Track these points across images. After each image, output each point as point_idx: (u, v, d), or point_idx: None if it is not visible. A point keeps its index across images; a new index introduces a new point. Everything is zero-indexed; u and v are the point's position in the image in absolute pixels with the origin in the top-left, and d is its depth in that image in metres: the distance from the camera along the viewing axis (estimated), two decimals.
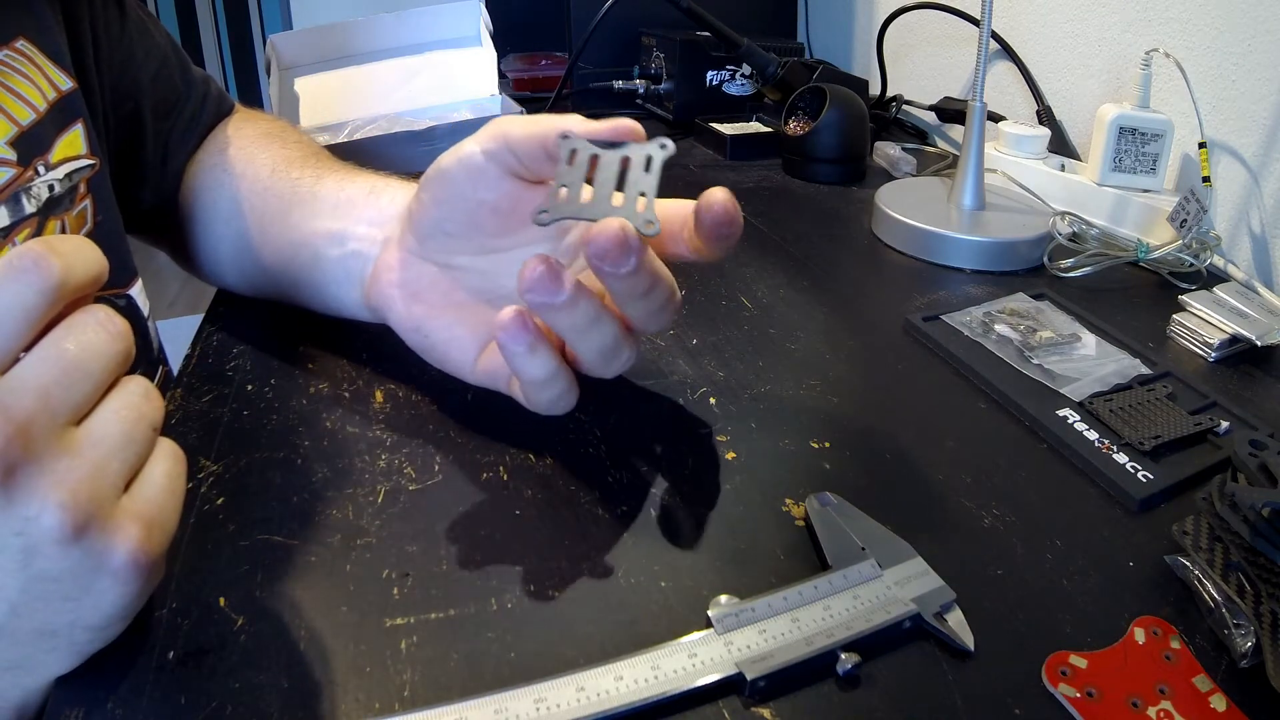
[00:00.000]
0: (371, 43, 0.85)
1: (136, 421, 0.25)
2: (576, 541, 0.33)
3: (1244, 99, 0.59)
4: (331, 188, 0.44)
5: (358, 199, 0.43)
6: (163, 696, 0.26)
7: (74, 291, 0.23)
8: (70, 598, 0.24)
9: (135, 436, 0.25)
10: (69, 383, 0.23)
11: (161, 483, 0.26)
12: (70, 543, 0.22)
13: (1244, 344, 0.47)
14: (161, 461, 0.26)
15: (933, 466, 0.38)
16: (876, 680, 0.27)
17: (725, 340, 0.48)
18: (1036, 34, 0.80)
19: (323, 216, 0.43)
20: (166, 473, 0.26)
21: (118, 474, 0.24)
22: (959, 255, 0.59)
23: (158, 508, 0.25)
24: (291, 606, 0.29)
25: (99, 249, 0.25)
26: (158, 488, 0.25)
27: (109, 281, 0.45)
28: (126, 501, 0.24)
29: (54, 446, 0.22)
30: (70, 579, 0.23)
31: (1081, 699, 0.26)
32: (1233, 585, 0.29)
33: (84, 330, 0.24)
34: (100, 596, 0.24)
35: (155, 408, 0.26)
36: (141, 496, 0.25)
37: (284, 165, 0.48)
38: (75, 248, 0.24)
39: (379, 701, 0.26)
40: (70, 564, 0.23)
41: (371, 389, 0.42)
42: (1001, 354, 0.46)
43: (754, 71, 0.87)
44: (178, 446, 0.27)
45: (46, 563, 0.23)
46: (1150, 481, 0.36)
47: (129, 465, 0.25)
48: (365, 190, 0.43)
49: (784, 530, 0.34)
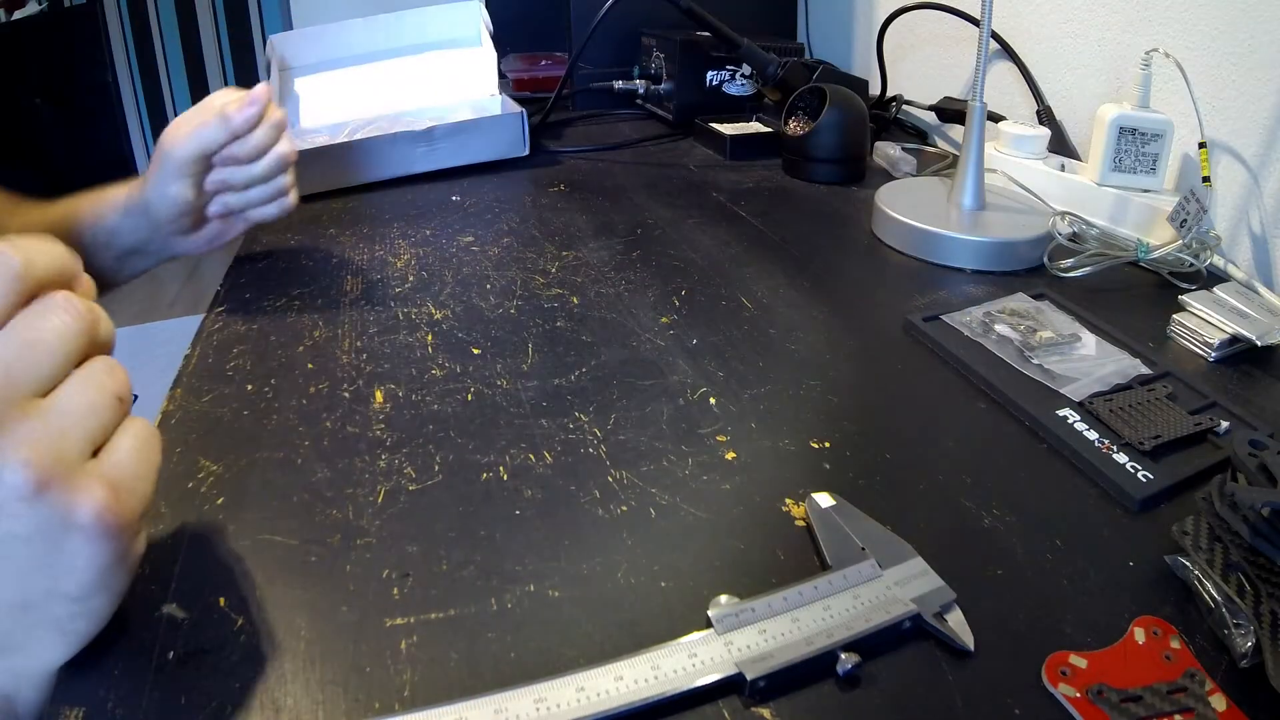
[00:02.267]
0: (371, 43, 0.85)
1: (99, 391, 0.25)
2: (576, 541, 0.33)
3: (1244, 99, 0.59)
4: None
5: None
6: (163, 696, 0.26)
7: (37, 284, 0.25)
8: (41, 563, 0.24)
9: (99, 405, 0.25)
10: (31, 358, 0.24)
11: (129, 450, 0.26)
12: (35, 498, 0.23)
13: (1244, 344, 0.47)
14: (130, 433, 0.27)
15: (932, 466, 0.38)
16: (876, 680, 0.27)
17: (725, 340, 0.48)
18: (1036, 34, 0.80)
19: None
20: (135, 442, 0.26)
21: (82, 439, 0.25)
22: (959, 255, 0.59)
23: (125, 472, 0.26)
24: (291, 606, 0.29)
25: (61, 245, 0.26)
26: (126, 454, 0.26)
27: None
28: (92, 465, 0.25)
29: (15, 412, 0.23)
30: (39, 539, 0.24)
31: (1081, 699, 0.26)
32: (1233, 585, 0.29)
33: (45, 312, 0.25)
34: (71, 558, 0.24)
35: (119, 380, 0.26)
36: (108, 461, 0.25)
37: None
38: (36, 244, 0.25)
39: (379, 701, 0.26)
40: (37, 520, 0.23)
41: (371, 389, 0.42)
42: (1001, 354, 0.46)
43: (754, 72, 0.87)
44: (149, 423, 0.28)
45: (13, 522, 0.23)
46: (1150, 481, 0.36)
47: (94, 432, 0.25)
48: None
49: (784, 530, 0.34)
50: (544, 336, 0.48)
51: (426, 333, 0.48)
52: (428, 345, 0.47)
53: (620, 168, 0.82)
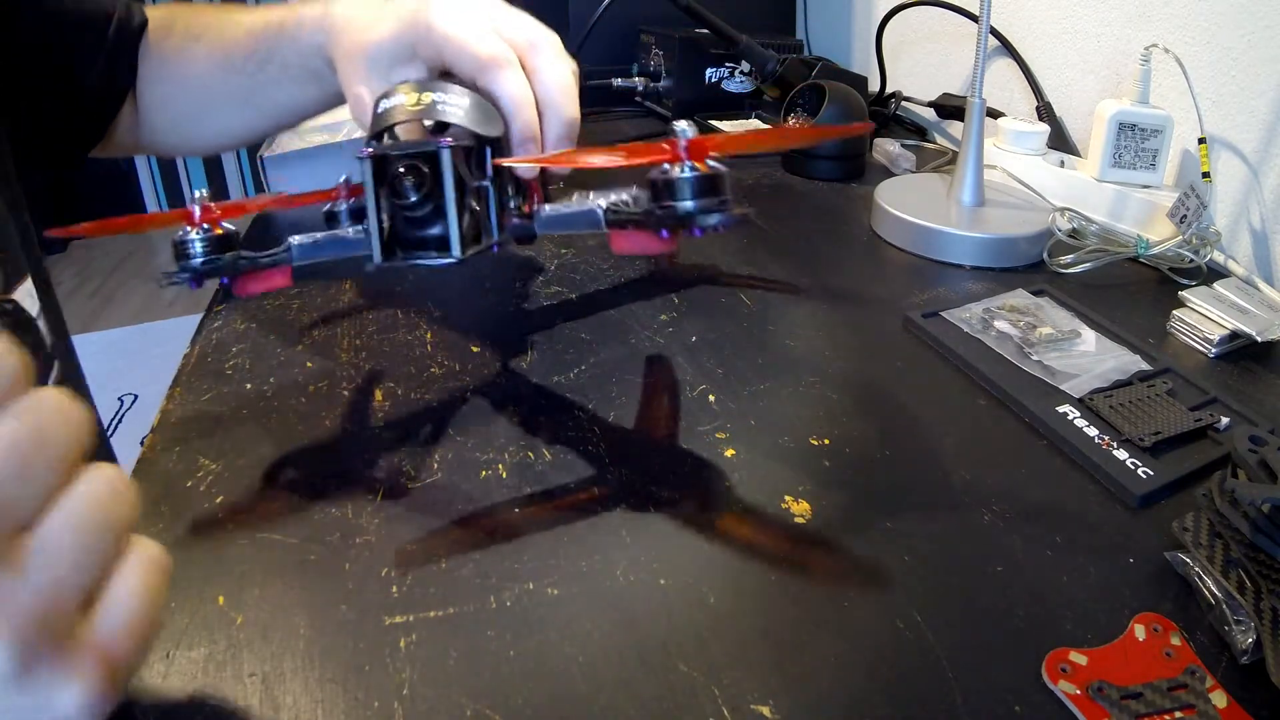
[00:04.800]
0: None
1: (98, 529, 0.20)
2: (575, 540, 0.33)
3: (1244, 94, 0.59)
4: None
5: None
6: (163, 696, 0.26)
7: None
8: None
9: (97, 546, 0.20)
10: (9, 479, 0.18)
11: (133, 602, 0.21)
12: (12, 682, 0.18)
13: (1244, 339, 0.47)
14: (135, 573, 0.21)
15: (932, 463, 0.38)
16: (876, 678, 0.27)
17: (724, 337, 0.48)
18: (1035, 30, 0.79)
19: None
20: (140, 587, 0.21)
21: (74, 594, 0.19)
22: (958, 251, 0.59)
23: (125, 637, 0.20)
24: (291, 605, 0.29)
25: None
26: (127, 610, 0.20)
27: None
28: (87, 629, 0.20)
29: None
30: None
31: (1082, 696, 0.26)
32: (1233, 581, 0.29)
33: (28, 414, 0.19)
34: None
35: (125, 504, 0.21)
36: (106, 624, 0.20)
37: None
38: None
39: (378, 699, 0.26)
40: (12, 706, 0.19)
41: (371, 389, 0.42)
42: (1001, 350, 0.46)
43: (753, 68, 0.86)
44: (158, 548, 0.22)
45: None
46: (1150, 478, 0.36)
47: (89, 581, 0.20)
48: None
49: (784, 527, 0.34)
50: (543, 334, 0.48)
51: (426, 330, 0.48)
52: (427, 343, 0.47)
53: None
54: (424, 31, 0.42)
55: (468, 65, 0.40)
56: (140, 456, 0.37)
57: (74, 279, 2.87)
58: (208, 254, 0.34)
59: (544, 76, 0.41)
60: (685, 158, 0.31)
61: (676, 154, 0.31)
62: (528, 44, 0.41)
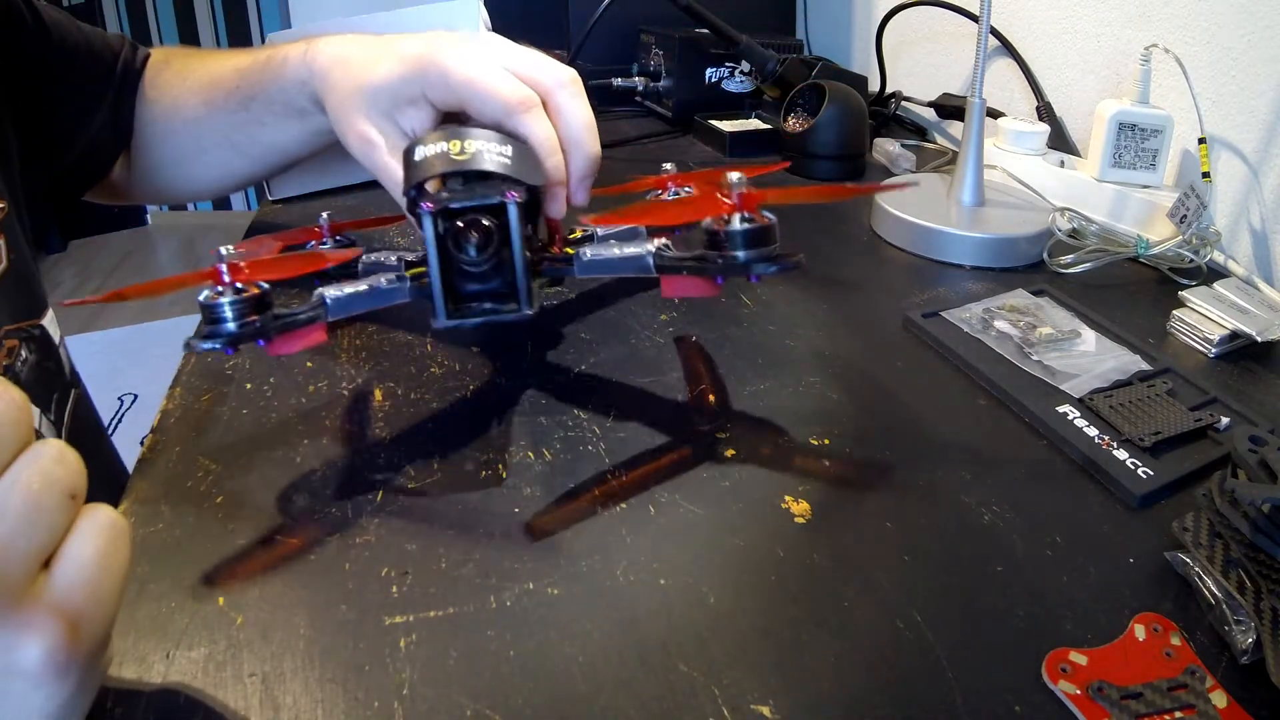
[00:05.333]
0: None
1: (45, 489, 0.21)
2: (575, 539, 0.33)
3: (1244, 94, 0.59)
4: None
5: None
6: (163, 696, 0.26)
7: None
8: None
9: (45, 506, 0.21)
10: None
11: (90, 562, 0.21)
12: None
13: (1244, 340, 0.47)
14: (91, 536, 0.22)
15: (932, 463, 0.38)
16: (876, 678, 0.27)
17: (724, 337, 0.48)
18: (1035, 30, 0.79)
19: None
20: (96, 546, 0.22)
21: (26, 551, 0.20)
22: (958, 251, 0.59)
23: (85, 595, 0.21)
24: (291, 605, 0.29)
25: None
26: (85, 568, 0.21)
27: (23, 314, 0.46)
28: (45, 589, 0.21)
29: None
30: None
31: (1082, 696, 0.26)
32: (1233, 581, 0.29)
33: None
34: (16, 705, 0.20)
35: (71, 472, 0.22)
36: (64, 583, 0.21)
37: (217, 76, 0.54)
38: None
39: (378, 699, 0.26)
40: None
41: (371, 389, 0.42)
42: (1001, 350, 0.46)
43: (753, 68, 0.86)
44: (116, 514, 0.23)
45: None
46: (1150, 478, 0.36)
47: (40, 542, 0.21)
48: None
49: (783, 527, 0.34)
50: (543, 334, 0.48)
51: (426, 331, 0.48)
52: (427, 343, 0.47)
53: (619, 165, 0.82)
54: (437, 76, 0.41)
55: (493, 110, 0.39)
56: (140, 456, 0.37)
57: (74, 279, 2.87)
58: (241, 318, 0.31)
59: (567, 116, 0.41)
60: (739, 207, 0.32)
61: (734, 205, 0.32)
62: (552, 84, 0.41)
